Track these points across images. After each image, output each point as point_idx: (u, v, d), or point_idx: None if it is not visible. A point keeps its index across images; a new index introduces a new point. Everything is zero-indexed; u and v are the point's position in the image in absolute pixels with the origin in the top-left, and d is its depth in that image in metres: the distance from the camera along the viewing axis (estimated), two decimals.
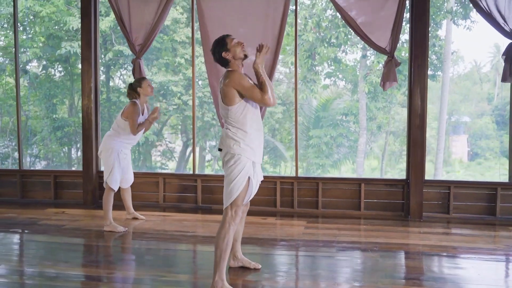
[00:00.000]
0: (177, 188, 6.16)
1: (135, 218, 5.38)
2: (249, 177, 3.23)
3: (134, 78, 5.77)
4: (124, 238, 4.64)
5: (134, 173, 5.36)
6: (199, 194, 6.03)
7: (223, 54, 3.25)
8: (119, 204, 5.39)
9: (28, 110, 16.15)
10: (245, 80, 3.18)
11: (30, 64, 15.42)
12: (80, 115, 6.35)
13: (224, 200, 3.29)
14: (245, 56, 3.29)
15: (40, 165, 16.97)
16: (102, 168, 5.98)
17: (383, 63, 5.57)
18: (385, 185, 5.73)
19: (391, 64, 5.38)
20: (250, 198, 3.38)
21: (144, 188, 6.13)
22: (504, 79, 5.17)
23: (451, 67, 20.12)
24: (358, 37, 5.69)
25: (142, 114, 4.93)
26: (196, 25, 6.11)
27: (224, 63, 3.29)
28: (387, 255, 4.11)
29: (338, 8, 5.50)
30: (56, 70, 15.24)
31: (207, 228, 5.06)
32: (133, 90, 4.91)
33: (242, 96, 3.17)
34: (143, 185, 6.13)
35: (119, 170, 4.93)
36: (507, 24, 5.12)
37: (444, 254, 4.18)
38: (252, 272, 3.61)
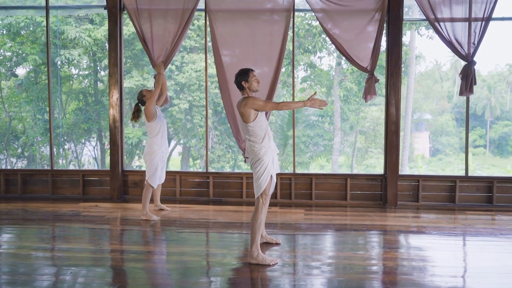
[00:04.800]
0: (191, 184, 7.23)
1: (161, 210, 6.42)
2: (271, 175, 4.31)
3: None
4: (160, 225, 5.68)
5: None
6: (211, 188, 7.12)
7: (243, 82, 4.33)
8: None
9: (13, 111, 16.68)
10: (258, 99, 4.26)
11: (17, 68, 16.00)
12: (68, 116, 7.29)
13: (255, 192, 4.35)
14: (256, 91, 4.38)
15: (22, 164, 17.58)
16: (135, 168, 6.97)
17: (356, 70, 6.76)
18: (366, 179, 6.97)
19: (371, 80, 6.59)
20: (272, 190, 4.43)
21: (162, 184, 7.14)
22: (461, 94, 6.46)
23: (414, 68, 21.66)
24: (344, 58, 6.87)
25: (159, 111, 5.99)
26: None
27: (240, 88, 4.37)
28: (373, 232, 5.32)
29: (328, 35, 6.66)
30: (43, 74, 15.90)
31: (225, 216, 6.14)
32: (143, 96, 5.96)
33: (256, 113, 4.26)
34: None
35: (159, 170, 5.95)
36: (463, 49, 6.42)
37: (415, 231, 5.43)
38: (275, 246, 4.73)
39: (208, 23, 6.86)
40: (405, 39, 17.64)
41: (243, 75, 4.34)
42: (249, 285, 3.80)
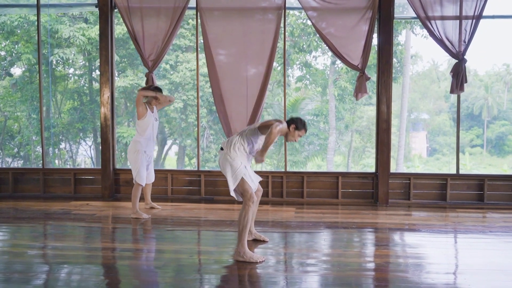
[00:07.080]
0: (183, 182, 7.22)
1: (152, 208, 6.41)
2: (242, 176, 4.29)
3: None
4: (150, 223, 5.67)
5: None
6: (202, 187, 7.11)
7: (291, 127, 4.43)
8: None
9: (8, 111, 16.63)
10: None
11: (11, 67, 15.96)
12: (63, 115, 7.27)
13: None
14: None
15: (18, 164, 17.54)
16: (122, 167, 6.96)
17: (350, 70, 6.77)
18: (358, 177, 6.97)
19: (362, 79, 6.59)
20: (256, 186, 4.44)
21: (154, 182, 7.13)
22: (451, 91, 6.47)
23: (410, 67, 21.66)
24: (336, 57, 6.88)
25: (152, 112, 5.95)
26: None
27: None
28: (363, 230, 5.32)
29: (319, 33, 6.67)
30: (37, 73, 15.85)
31: (215, 214, 6.14)
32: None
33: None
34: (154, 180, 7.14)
35: (144, 168, 5.94)
36: (454, 47, 6.43)
37: (406, 228, 5.43)
38: (262, 243, 4.73)
39: (199, 21, 6.85)
40: (401, 38, 17.65)
41: (297, 124, 4.47)
42: (240, 282, 3.80)
